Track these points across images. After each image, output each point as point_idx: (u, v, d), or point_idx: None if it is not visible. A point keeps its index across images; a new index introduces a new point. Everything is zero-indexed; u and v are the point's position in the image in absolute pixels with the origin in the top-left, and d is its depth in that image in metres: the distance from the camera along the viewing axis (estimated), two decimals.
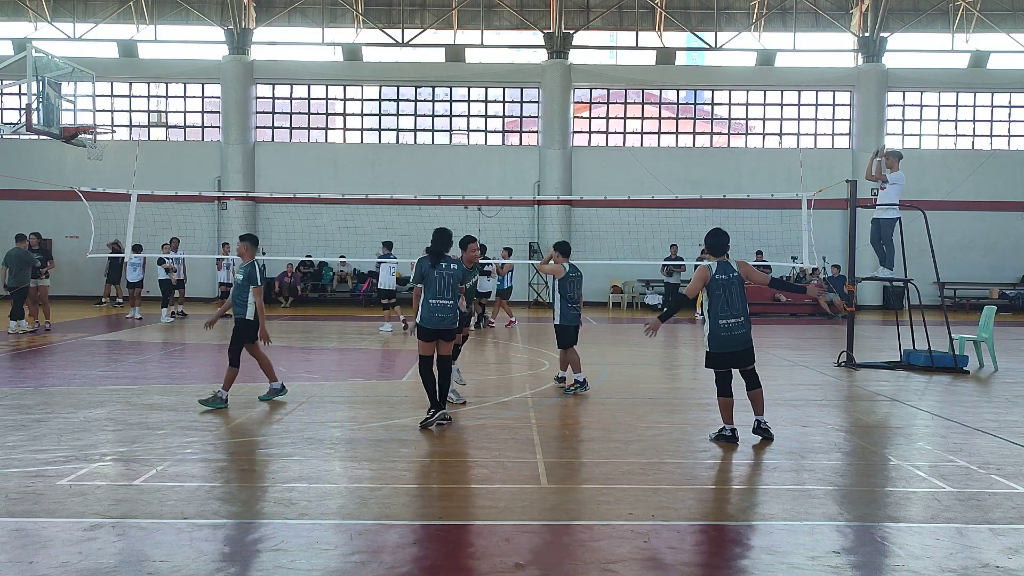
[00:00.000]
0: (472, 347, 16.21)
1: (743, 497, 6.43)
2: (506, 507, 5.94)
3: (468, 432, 8.39)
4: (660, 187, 26.34)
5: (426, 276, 8.59)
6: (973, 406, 10.14)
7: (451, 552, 5.09)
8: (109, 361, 13.40)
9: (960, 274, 27.84)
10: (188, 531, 5.36)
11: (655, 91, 30.36)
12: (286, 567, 4.77)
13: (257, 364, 9.98)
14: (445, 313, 8.58)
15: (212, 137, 29.64)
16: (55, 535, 5.27)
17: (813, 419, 9.17)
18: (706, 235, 8.21)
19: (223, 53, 29.04)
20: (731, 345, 7.96)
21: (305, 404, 9.74)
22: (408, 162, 28.83)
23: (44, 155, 27.42)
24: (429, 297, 8.55)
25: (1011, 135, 29.91)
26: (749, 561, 5.06)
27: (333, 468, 7.00)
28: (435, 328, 8.58)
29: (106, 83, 28.39)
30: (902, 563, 4.97)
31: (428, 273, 8.58)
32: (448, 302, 8.60)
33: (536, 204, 28.46)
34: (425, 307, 8.56)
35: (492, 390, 11.15)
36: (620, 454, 7.49)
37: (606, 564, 4.86)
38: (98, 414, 8.98)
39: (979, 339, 13.66)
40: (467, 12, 29.65)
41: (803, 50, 29.88)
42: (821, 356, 14.87)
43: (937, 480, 6.68)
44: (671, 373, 12.98)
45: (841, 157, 28.99)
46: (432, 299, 8.54)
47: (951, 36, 29.43)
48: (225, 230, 27.64)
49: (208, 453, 7.49)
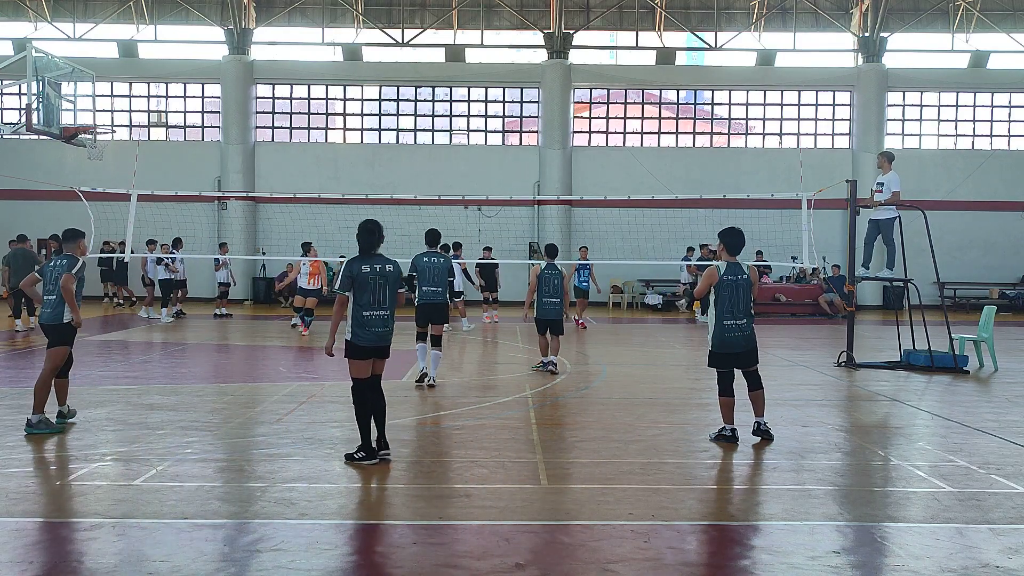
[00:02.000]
0: (472, 347, 16.21)
1: (743, 497, 6.43)
2: (506, 507, 5.94)
3: (468, 432, 8.38)
4: (660, 187, 26.34)
5: (357, 280, 7.06)
6: (973, 406, 10.13)
7: (451, 552, 5.09)
8: (109, 361, 13.40)
9: (960, 274, 27.83)
10: (188, 531, 5.36)
11: (655, 91, 30.35)
12: (286, 567, 4.77)
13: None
14: (382, 326, 7.13)
15: (212, 137, 29.63)
16: (55, 535, 5.27)
17: (813, 419, 9.17)
18: (723, 233, 8.11)
19: (223, 53, 29.03)
20: (735, 346, 7.96)
21: (305, 404, 9.73)
22: (408, 162, 28.82)
23: (44, 155, 27.41)
24: (362, 310, 7.05)
25: (1011, 135, 29.90)
26: (749, 561, 5.07)
27: (333, 468, 7.00)
28: (372, 345, 7.12)
29: (106, 83, 28.36)
30: (902, 563, 4.98)
31: (358, 276, 7.06)
32: (384, 313, 7.12)
33: (536, 204, 28.45)
34: (356, 320, 7.07)
35: (492, 390, 11.15)
36: (620, 454, 7.49)
37: (606, 564, 4.87)
38: (98, 414, 8.98)
39: (979, 339, 13.65)
40: (467, 12, 29.65)
41: (803, 50, 29.87)
42: (821, 356, 14.87)
43: (937, 480, 6.68)
44: (671, 373, 12.98)
45: (841, 157, 28.98)
46: (365, 311, 7.05)
47: (951, 36, 29.42)
48: (225, 230, 27.65)
49: (208, 453, 7.49)
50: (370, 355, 7.09)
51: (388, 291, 7.11)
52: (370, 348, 7.05)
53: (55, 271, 8.27)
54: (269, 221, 27.31)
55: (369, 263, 7.10)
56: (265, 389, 10.98)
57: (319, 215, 23.30)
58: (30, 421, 8.01)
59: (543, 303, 12.48)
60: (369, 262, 7.11)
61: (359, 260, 7.13)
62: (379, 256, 7.22)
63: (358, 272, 7.03)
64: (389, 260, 7.26)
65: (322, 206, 23.61)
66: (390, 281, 7.14)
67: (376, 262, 7.13)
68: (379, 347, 7.14)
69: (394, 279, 7.19)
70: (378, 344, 7.11)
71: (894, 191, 13.25)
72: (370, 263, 7.10)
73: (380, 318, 7.08)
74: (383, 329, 7.11)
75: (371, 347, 7.06)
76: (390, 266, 7.20)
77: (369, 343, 7.04)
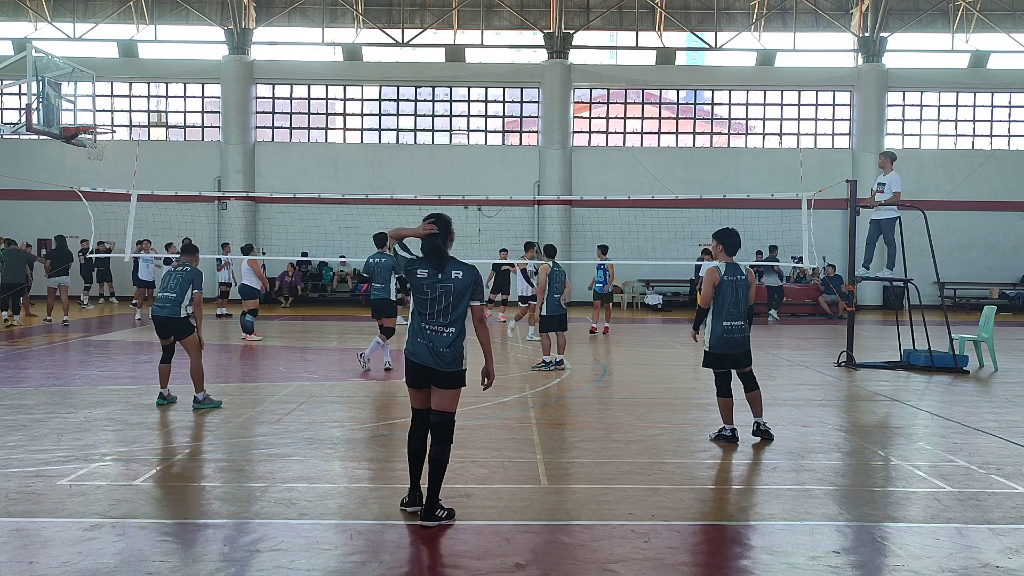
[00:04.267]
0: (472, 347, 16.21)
1: (743, 497, 6.43)
2: (506, 507, 5.94)
3: (468, 432, 8.38)
4: (660, 187, 26.36)
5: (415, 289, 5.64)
6: (973, 406, 10.13)
7: (451, 552, 5.09)
8: (109, 361, 13.39)
9: (960, 274, 27.85)
10: (188, 531, 5.36)
11: (655, 91, 30.35)
12: (286, 567, 4.77)
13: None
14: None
15: (212, 137, 29.64)
16: (55, 535, 5.27)
17: (813, 419, 9.16)
18: (719, 234, 8.12)
19: (223, 53, 29.04)
20: (731, 347, 7.97)
21: (305, 404, 9.73)
22: (408, 162, 28.83)
23: (44, 155, 27.42)
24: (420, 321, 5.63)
25: (1011, 135, 29.90)
26: (749, 561, 5.06)
27: (333, 468, 7.00)
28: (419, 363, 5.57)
29: (106, 83, 28.39)
30: (902, 563, 4.97)
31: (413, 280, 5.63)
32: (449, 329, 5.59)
33: (536, 204, 28.46)
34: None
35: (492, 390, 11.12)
36: (620, 454, 7.49)
37: (606, 564, 4.86)
38: (98, 414, 8.98)
39: (979, 339, 13.66)
40: (467, 12, 29.65)
41: (803, 50, 29.88)
42: (821, 356, 14.87)
43: (937, 480, 6.68)
44: (671, 373, 12.98)
45: (841, 157, 28.99)
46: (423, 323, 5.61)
47: (951, 36, 29.43)
48: (225, 230, 27.66)
49: (208, 453, 7.49)
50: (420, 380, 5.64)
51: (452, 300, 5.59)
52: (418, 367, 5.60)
53: (177, 275, 9.55)
54: (269, 221, 27.32)
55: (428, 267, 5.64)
56: (265, 389, 10.98)
57: (319, 215, 23.32)
58: (196, 398, 9.33)
59: (552, 300, 12.85)
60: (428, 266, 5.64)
61: (416, 260, 5.70)
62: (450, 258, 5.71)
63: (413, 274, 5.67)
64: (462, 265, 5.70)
65: (322, 206, 23.63)
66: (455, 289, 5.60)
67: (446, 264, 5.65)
68: (431, 369, 5.56)
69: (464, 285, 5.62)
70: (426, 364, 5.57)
71: (895, 191, 13.26)
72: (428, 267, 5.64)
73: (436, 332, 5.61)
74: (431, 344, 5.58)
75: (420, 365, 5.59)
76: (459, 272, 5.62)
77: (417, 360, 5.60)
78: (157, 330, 9.65)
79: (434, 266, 5.59)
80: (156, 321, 9.58)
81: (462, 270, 5.62)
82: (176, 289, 9.46)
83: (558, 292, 12.94)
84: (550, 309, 12.85)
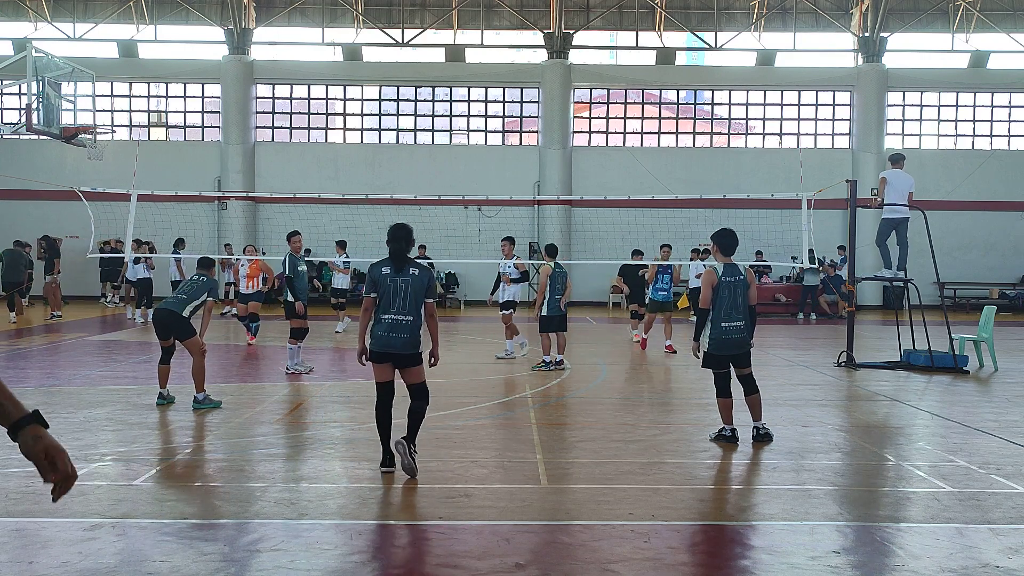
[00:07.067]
0: (473, 347, 16.20)
1: (743, 497, 6.43)
2: (506, 507, 5.94)
3: (468, 432, 8.38)
4: (660, 187, 26.35)
5: (379, 284, 6.67)
6: (973, 406, 10.13)
7: (451, 552, 5.09)
8: (109, 361, 13.39)
9: (960, 274, 27.84)
10: (188, 531, 5.36)
11: (655, 91, 30.35)
12: (286, 567, 4.77)
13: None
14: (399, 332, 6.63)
15: (212, 137, 29.63)
16: (55, 535, 5.26)
17: (813, 419, 9.16)
18: (717, 235, 8.13)
19: (223, 53, 29.04)
20: (730, 348, 7.97)
21: (305, 404, 9.73)
22: (408, 162, 28.82)
23: (44, 155, 27.41)
24: (381, 312, 6.67)
25: (1011, 135, 29.90)
26: (749, 561, 5.06)
27: (333, 468, 6.99)
28: (383, 351, 6.66)
29: (106, 83, 28.37)
30: (902, 563, 4.97)
31: (380, 281, 6.67)
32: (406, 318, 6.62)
33: (536, 204, 28.45)
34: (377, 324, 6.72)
35: (492, 390, 11.15)
36: (620, 454, 7.49)
37: (606, 564, 4.86)
38: (98, 414, 8.98)
39: (979, 339, 13.66)
40: (467, 12, 29.64)
41: (803, 50, 29.88)
42: (821, 356, 14.87)
43: (937, 480, 6.68)
44: (671, 373, 12.98)
45: (841, 157, 28.99)
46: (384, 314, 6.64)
47: (951, 36, 29.42)
48: (225, 230, 27.66)
49: (208, 453, 7.49)
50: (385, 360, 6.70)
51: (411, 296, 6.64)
52: (382, 353, 6.66)
53: (196, 283, 9.80)
54: (269, 221, 27.27)
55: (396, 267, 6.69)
56: (265, 389, 10.98)
57: (319, 215, 23.29)
58: (196, 398, 9.34)
59: (553, 301, 12.80)
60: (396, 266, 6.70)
61: (380, 264, 6.75)
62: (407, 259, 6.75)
63: (379, 276, 6.69)
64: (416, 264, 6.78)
65: (322, 206, 23.62)
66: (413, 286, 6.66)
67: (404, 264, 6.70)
68: (393, 353, 6.66)
69: (419, 283, 6.68)
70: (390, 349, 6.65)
71: (909, 191, 13.32)
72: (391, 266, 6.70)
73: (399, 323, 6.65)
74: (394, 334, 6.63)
75: (383, 352, 6.65)
76: (415, 270, 6.69)
77: (381, 348, 6.65)
78: (158, 331, 9.63)
79: (395, 266, 6.69)
80: (158, 318, 9.59)
81: (418, 268, 6.75)
82: (190, 292, 9.62)
83: (559, 293, 12.86)
84: (550, 310, 12.80)
